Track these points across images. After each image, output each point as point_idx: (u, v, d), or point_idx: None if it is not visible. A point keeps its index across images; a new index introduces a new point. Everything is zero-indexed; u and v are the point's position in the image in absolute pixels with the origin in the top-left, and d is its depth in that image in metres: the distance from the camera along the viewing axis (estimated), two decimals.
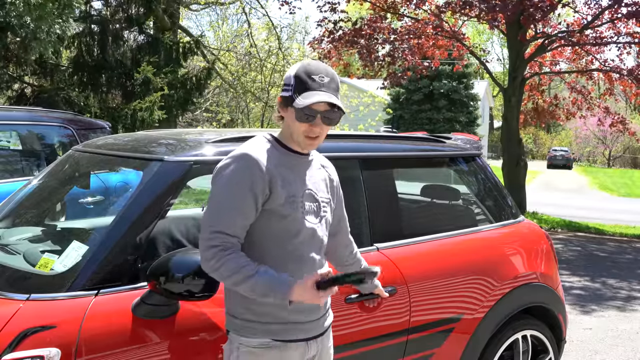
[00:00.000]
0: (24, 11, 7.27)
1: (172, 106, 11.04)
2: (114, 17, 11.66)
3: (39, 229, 2.69)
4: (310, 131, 1.99)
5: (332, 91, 1.98)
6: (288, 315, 1.99)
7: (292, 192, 2.00)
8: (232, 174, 1.94)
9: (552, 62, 15.97)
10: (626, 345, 5.22)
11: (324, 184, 2.15)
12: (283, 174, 1.99)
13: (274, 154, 2.01)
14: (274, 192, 1.96)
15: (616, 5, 12.01)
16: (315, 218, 2.07)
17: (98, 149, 2.81)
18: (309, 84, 1.96)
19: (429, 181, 3.83)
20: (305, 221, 2.03)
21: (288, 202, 1.98)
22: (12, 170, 5.14)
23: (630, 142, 43.50)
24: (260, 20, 23.90)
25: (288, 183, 2.00)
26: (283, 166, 2.01)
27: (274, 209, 1.97)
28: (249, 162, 1.95)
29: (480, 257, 3.15)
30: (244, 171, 1.94)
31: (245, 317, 1.99)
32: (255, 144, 2.03)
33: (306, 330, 2.05)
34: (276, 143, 2.06)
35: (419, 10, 13.71)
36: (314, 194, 2.08)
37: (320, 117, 1.97)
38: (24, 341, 1.85)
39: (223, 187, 1.95)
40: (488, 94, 41.94)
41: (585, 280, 7.71)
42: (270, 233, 1.99)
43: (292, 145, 2.06)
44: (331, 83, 1.99)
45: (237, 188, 1.93)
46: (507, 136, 13.59)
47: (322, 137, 2.04)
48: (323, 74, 1.99)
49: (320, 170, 2.17)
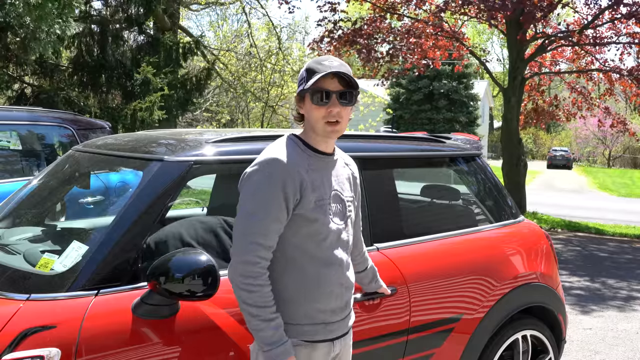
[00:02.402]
0: (24, 11, 7.27)
1: (172, 106, 11.04)
2: (113, 17, 11.66)
3: (39, 229, 2.69)
4: (328, 115, 1.98)
5: (342, 69, 1.98)
6: (317, 315, 2.03)
7: (320, 195, 2.01)
8: (264, 180, 1.94)
9: (552, 63, 15.97)
10: (626, 345, 5.22)
11: (348, 183, 2.17)
12: (312, 177, 2.00)
13: (302, 157, 2.01)
14: (304, 196, 1.97)
15: (616, 5, 12.01)
16: (341, 220, 2.08)
17: (98, 149, 2.81)
18: (318, 68, 1.98)
19: (429, 181, 3.83)
20: (332, 223, 2.04)
21: (318, 206, 1.99)
22: (12, 170, 5.14)
23: (630, 142, 43.53)
24: (260, 20, 23.90)
25: (317, 186, 2.01)
26: (312, 169, 2.01)
27: (304, 214, 1.97)
28: (279, 167, 1.94)
29: (480, 257, 3.15)
30: (275, 176, 1.93)
31: None
32: (283, 147, 2.02)
33: (334, 330, 2.09)
34: (302, 144, 2.05)
35: (419, 11, 13.71)
36: (340, 194, 2.09)
37: (335, 97, 1.97)
38: (24, 341, 1.85)
39: (255, 194, 1.94)
40: (488, 94, 41.95)
41: (585, 280, 7.71)
42: (299, 238, 2.00)
43: (317, 144, 2.06)
44: (341, 67, 1.99)
45: (269, 194, 1.92)
46: (507, 136, 13.59)
47: (343, 124, 2.02)
48: (332, 60, 2.00)
49: (344, 169, 2.18)
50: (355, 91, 2.01)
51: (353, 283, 2.17)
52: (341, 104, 1.98)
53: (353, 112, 2.12)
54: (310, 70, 1.99)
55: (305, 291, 2.01)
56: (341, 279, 2.09)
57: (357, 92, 2.02)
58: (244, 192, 1.97)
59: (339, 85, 1.98)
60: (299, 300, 2.01)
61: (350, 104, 2.02)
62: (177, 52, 11.62)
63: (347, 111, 2.03)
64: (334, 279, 2.06)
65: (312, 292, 2.02)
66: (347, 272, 2.13)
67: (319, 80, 1.96)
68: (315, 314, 2.03)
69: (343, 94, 1.98)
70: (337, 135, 2.05)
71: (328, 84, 1.97)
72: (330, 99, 1.97)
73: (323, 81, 1.97)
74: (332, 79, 1.98)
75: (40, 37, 7.59)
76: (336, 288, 2.07)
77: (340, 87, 1.98)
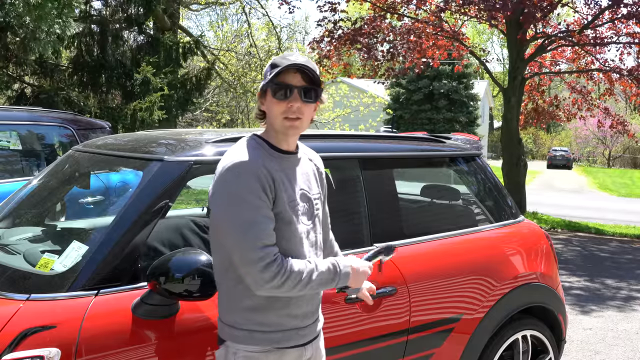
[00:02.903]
0: (24, 11, 7.27)
1: (172, 106, 11.04)
2: (113, 17, 11.66)
3: (39, 229, 2.69)
4: (288, 110, 1.89)
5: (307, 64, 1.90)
6: (289, 321, 1.97)
7: (291, 195, 1.95)
8: (241, 184, 1.84)
9: (552, 63, 15.97)
10: (626, 345, 5.22)
11: (314, 179, 2.09)
12: (282, 178, 1.93)
13: (267, 158, 1.93)
14: (278, 196, 1.90)
15: (616, 5, 12.01)
16: (308, 220, 2.01)
17: (98, 149, 2.81)
18: (282, 62, 1.90)
19: (429, 181, 3.84)
20: (301, 224, 1.97)
21: (289, 207, 1.93)
22: (12, 170, 5.14)
23: (630, 142, 43.49)
24: (260, 20, 23.89)
25: (286, 187, 1.94)
26: (278, 170, 1.94)
27: (279, 214, 1.90)
28: (247, 170, 1.85)
29: (480, 257, 3.15)
30: (251, 177, 1.85)
31: (247, 328, 1.93)
32: (246, 150, 1.92)
33: (304, 336, 2.03)
34: (267, 145, 1.97)
35: (419, 11, 13.71)
36: (307, 193, 2.02)
37: (297, 93, 1.89)
38: (24, 341, 1.85)
39: (238, 200, 1.83)
40: (488, 94, 41.94)
41: (585, 280, 7.71)
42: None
43: (279, 143, 1.97)
44: (306, 62, 1.91)
45: (251, 197, 1.83)
46: (507, 136, 13.59)
47: (304, 121, 1.94)
48: (298, 56, 1.92)
49: (309, 164, 2.10)
50: (318, 89, 1.93)
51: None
52: (303, 100, 1.91)
53: (353, 112, 2.09)
54: (274, 65, 1.92)
55: (273, 297, 1.91)
56: None
57: (320, 90, 1.94)
58: (223, 204, 1.85)
59: (302, 81, 1.90)
60: (268, 306, 1.92)
61: (313, 102, 1.94)
62: (177, 52, 11.62)
63: (310, 109, 1.95)
64: None
65: (280, 297, 1.93)
66: None
67: (281, 74, 1.89)
68: (286, 320, 1.96)
69: (306, 90, 1.91)
70: (296, 133, 1.96)
71: (290, 79, 1.89)
72: (292, 94, 1.89)
73: (285, 75, 1.89)
74: (295, 74, 1.90)
75: (40, 37, 7.59)
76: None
77: (304, 83, 1.91)
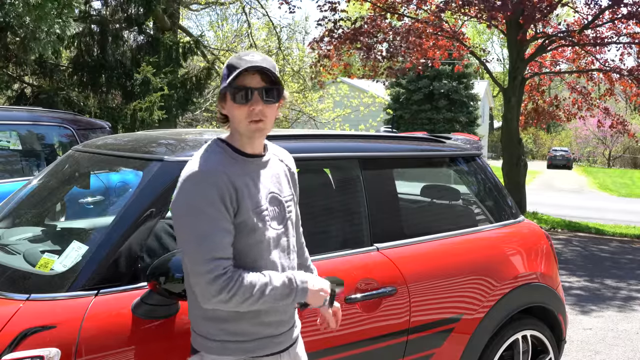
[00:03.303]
0: (24, 11, 7.27)
1: (172, 106, 11.02)
2: (113, 17, 11.64)
3: (39, 229, 2.69)
4: (251, 113, 1.83)
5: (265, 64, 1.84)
6: (263, 330, 1.92)
7: (257, 201, 1.88)
8: (199, 194, 1.79)
9: (552, 63, 15.97)
10: (626, 345, 5.22)
11: (285, 180, 2.03)
12: (246, 183, 1.87)
13: (231, 163, 1.87)
14: (241, 204, 1.84)
15: (616, 5, 12.01)
16: (279, 224, 1.95)
17: (98, 149, 2.81)
18: (239, 63, 1.84)
19: (429, 181, 3.83)
20: (270, 230, 1.90)
21: (255, 214, 1.86)
22: (12, 170, 5.14)
23: (630, 142, 43.50)
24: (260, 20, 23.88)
25: (251, 193, 1.87)
26: (243, 175, 1.87)
27: (243, 222, 1.84)
28: (206, 178, 1.80)
29: (480, 257, 3.15)
30: (210, 187, 1.79)
31: (220, 338, 1.90)
32: (209, 156, 1.87)
33: (279, 343, 1.98)
34: (231, 150, 1.91)
35: (419, 11, 13.72)
36: (277, 195, 1.96)
37: (257, 94, 1.83)
38: (24, 341, 1.85)
39: (196, 211, 1.78)
40: (488, 94, 41.94)
41: (585, 280, 7.71)
42: (238, 248, 1.85)
43: (244, 146, 1.91)
44: (263, 62, 1.84)
45: (209, 209, 1.78)
46: (507, 136, 13.59)
47: (268, 122, 1.88)
48: (254, 55, 1.87)
49: (279, 165, 2.04)
50: (279, 88, 1.87)
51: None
52: (264, 102, 1.84)
53: (353, 112, 2.07)
54: (231, 67, 1.84)
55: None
56: None
57: (281, 89, 1.88)
58: (182, 212, 1.81)
59: (261, 81, 1.84)
60: (238, 315, 1.87)
61: (274, 102, 1.88)
62: (177, 52, 11.60)
63: (272, 109, 1.88)
64: None
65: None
66: None
67: (239, 77, 1.82)
68: (260, 328, 1.91)
69: (266, 90, 1.84)
70: (262, 135, 1.91)
71: (249, 81, 1.83)
72: (252, 96, 1.83)
73: (243, 78, 1.83)
74: (253, 75, 1.83)
75: (40, 37, 7.59)
76: None
77: (263, 83, 1.84)
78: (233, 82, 1.83)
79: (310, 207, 2.61)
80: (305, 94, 19.64)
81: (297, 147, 2.66)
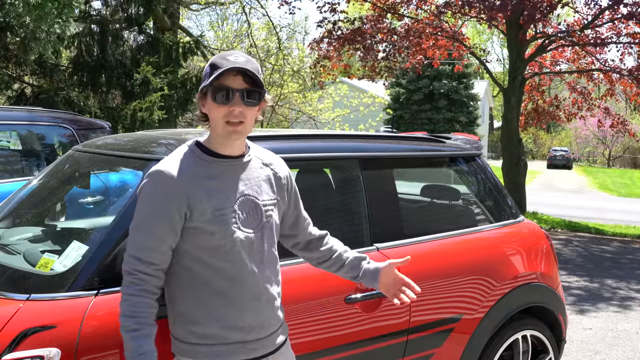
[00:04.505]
0: (24, 11, 7.26)
1: (172, 106, 11.02)
2: (113, 17, 11.65)
3: (39, 229, 2.69)
4: (230, 114, 1.82)
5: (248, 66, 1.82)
6: (233, 335, 1.88)
7: (219, 204, 1.85)
8: (148, 194, 1.85)
9: (552, 63, 15.96)
10: (626, 345, 5.22)
11: (267, 184, 1.98)
12: (207, 186, 1.85)
13: (195, 165, 1.87)
14: (196, 208, 1.82)
15: (616, 5, 12.01)
16: (253, 228, 1.91)
17: (98, 149, 2.81)
18: (222, 63, 1.82)
19: (429, 181, 3.83)
20: (238, 232, 1.87)
21: (215, 217, 1.84)
22: (12, 170, 5.14)
23: (630, 142, 43.52)
24: (260, 20, 23.88)
25: (215, 195, 1.85)
26: (207, 177, 1.86)
27: (199, 226, 1.83)
28: (161, 180, 1.83)
29: (480, 257, 3.15)
30: (158, 191, 1.83)
31: (189, 341, 1.89)
32: (175, 157, 1.89)
33: (254, 350, 1.92)
34: (200, 151, 1.90)
35: (419, 11, 13.72)
36: (253, 199, 1.92)
37: (238, 96, 1.82)
38: (24, 341, 1.85)
39: (141, 207, 1.86)
40: (488, 94, 41.95)
41: (585, 280, 7.71)
42: (200, 251, 1.86)
43: (220, 147, 1.91)
44: (247, 63, 1.83)
45: (152, 209, 1.83)
46: (507, 136, 13.59)
47: (247, 125, 1.86)
48: (238, 55, 1.85)
49: (262, 169, 1.99)
50: (261, 90, 1.85)
51: (275, 296, 1.98)
52: (245, 103, 1.83)
53: (353, 112, 2.06)
54: (214, 66, 1.83)
55: (211, 308, 1.86)
56: (255, 293, 1.90)
57: (263, 92, 1.86)
58: (137, 203, 1.89)
59: (243, 83, 1.82)
60: (205, 318, 1.87)
61: (255, 105, 1.86)
62: (177, 52, 11.60)
63: (253, 112, 1.86)
64: (246, 293, 1.88)
65: (218, 309, 1.87)
66: (267, 284, 1.93)
67: (221, 77, 1.81)
68: (227, 333, 1.87)
69: (248, 92, 1.83)
70: (239, 137, 1.88)
71: (231, 82, 1.81)
72: (233, 97, 1.81)
73: (225, 78, 1.81)
74: (235, 76, 1.82)
75: (40, 37, 7.58)
76: (250, 303, 1.89)
77: (245, 85, 1.83)
78: (215, 81, 1.82)
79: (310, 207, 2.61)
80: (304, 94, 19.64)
81: (297, 147, 2.66)
